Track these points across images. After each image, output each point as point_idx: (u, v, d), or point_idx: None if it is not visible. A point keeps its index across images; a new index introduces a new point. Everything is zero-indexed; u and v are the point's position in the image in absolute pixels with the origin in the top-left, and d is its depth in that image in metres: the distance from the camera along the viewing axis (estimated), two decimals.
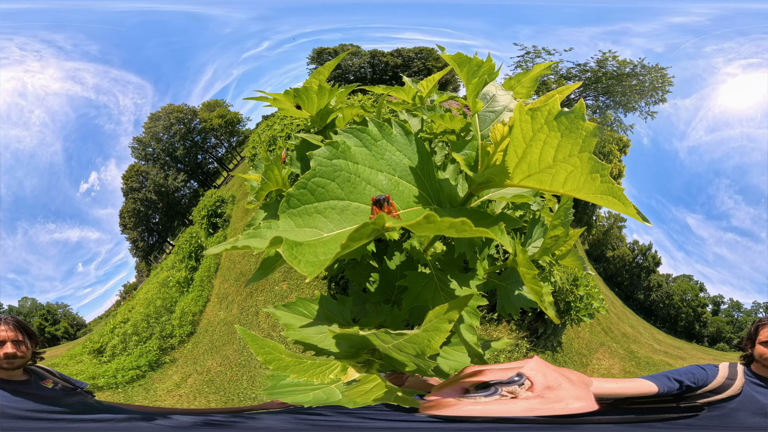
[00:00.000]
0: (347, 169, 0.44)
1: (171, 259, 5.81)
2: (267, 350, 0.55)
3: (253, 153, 5.86)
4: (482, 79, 0.53)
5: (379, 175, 0.47)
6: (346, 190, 0.44)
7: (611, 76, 5.37)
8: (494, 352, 1.04)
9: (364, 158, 0.46)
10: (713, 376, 1.48)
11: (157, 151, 6.59)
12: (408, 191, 0.50)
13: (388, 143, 0.51)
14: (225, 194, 6.32)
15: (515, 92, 0.78)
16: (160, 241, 6.58)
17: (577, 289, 3.95)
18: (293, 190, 0.41)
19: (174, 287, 5.12)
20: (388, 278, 0.88)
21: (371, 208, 0.44)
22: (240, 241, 0.40)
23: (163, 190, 6.57)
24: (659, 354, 5.17)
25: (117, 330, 4.48)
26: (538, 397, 0.57)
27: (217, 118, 6.78)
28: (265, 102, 0.91)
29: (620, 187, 0.41)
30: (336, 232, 0.42)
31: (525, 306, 0.95)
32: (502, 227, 0.45)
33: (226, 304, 4.69)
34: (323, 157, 0.44)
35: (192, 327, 4.54)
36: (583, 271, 1.13)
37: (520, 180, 0.49)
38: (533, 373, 0.60)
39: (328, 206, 0.43)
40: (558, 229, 0.81)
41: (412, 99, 1.11)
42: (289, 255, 0.36)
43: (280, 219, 0.41)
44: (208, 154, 6.91)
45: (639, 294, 6.17)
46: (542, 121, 0.43)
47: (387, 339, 0.55)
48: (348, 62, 6.90)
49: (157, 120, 6.52)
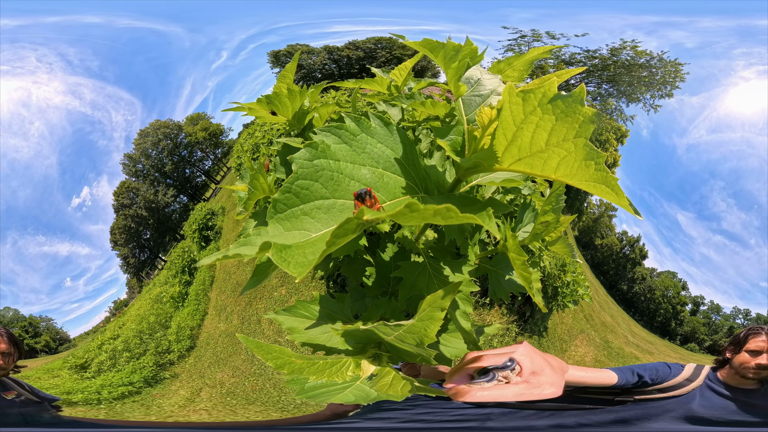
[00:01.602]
0: (329, 168, 0.44)
1: (164, 274, 5.71)
2: (275, 355, 0.54)
3: (239, 163, 5.81)
4: (463, 63, 0.51)
5: (362, 170, 0.46)
6: (330, 188, 0.43)
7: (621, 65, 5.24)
8: (488, 337, 1.05)
9: (345, 154, 0.46)
10: (675, 375, 1.47)
11: (147, 167, 6.53)
12: (394, 182, 0.50)
13: (368, 136, 0.50)
14: (215, 206, 6.24)
15: (505, 75, 0.76)
16: (151, 257, 6.49)
17: (565, 275, 3.96)
18: (278, 195, 0.41)
19: (168, 302, 5.03)
20: (383, 270, 0.88)
21: (354, 203, 0.43)
22: (231, 250, 0.39)
23: (153, 206, 6.50)
24: (631, 346, 5.20)
25: (106, 346, 4.37)
26: (524, 383, 0.62)
27: (201, 131, 6.72)
28: (243, 111, 0.90)
29: (614, 177, 0.40)
30: (323, 231, 0.41)
31: (515, 291, 0.96)
32: (490, 213, 0.44)
33: (225, 316, 4.63)
34: (304, 159, 0.43)
35: (191, 341, 4.46)
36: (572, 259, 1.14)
37: (509, 164, 0.47)
38: (522, 359, 0.64)
39: (314, 207, 0.42)
40: (549, 215, 0.81)
41: (387, 89, 1.09)
42: (278, 258, 0.35)
43: (268, 225, 0.40)
44: (195, 168, 6.84)
45: (623, 285, 6.20)
46: (535, 104, 0.42)
47: (387, 331, 0.55)
48: (309, 61, 6.81)
49: (145, 136, 6.46)
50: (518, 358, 0.64)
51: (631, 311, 6.12)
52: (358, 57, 6.82)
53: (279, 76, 0.90)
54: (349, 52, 6.77)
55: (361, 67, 6.89)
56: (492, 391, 0.59)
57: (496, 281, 0.97)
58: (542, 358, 0.66)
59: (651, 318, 6.04)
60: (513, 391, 0.61)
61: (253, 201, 0.82)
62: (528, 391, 0.61)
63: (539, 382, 0.63)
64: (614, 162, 5.82)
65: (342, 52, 6.77)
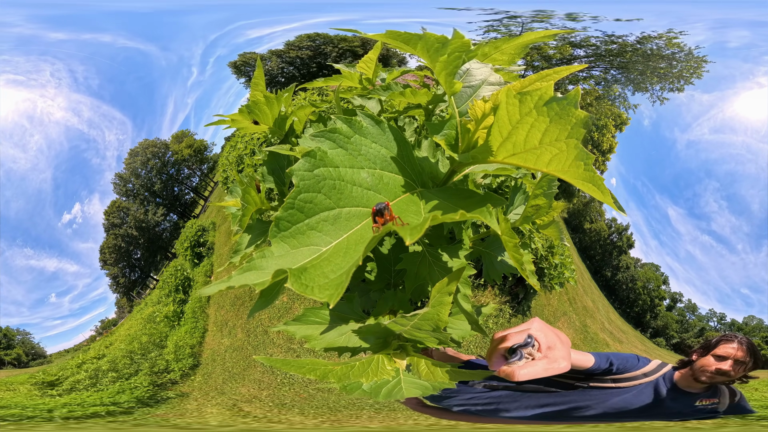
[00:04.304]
0: (330, 176, 0.41)
1: (156, 294, 5.55)
2: (310, 367, 0.53)
3: (225, 177, 5.72)
4: (455, 57, 0.48)
5: (362, 173, 0.44)
6: (334, 198, 0.41)
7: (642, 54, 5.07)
8: (484, 317, 1.06)
9: (343, 159, 0.43)
10: (639, 368, 1.47)
11: (137, 187, 6.46)
12: (393, 181, 0.48)
13: (362, 137, 0.48)
14: (205, 222, 6.11)
15: (492, 59, 0.73)
16: (142, 277, 6.35)
17: (553, 257, 3.98)
18: (281, 212, 0.38)
19: (162, 322, 4.87)
20: (384, 264, 0.87)
21: (372, 217, 0.41)
22: (235, 279, 0.37)
23: (143, 226, 6.39)
24: (605, 333, 5.24)
25: (87, 365, 4.21)
26: (545, 358, 0.65)
27: (187, 149, 6.65)
28: (225, 124, 0.87)
29: (600, 177, 0.42)
30: (334, 243, 0.39)
31: (507, 272, 0.96)
32: (490, 209, 0.43)
33: (228, 330, 4.51)
34: (304, 171, 0.40)
35: (194, 359, 4.31)
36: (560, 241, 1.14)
37: (503, 158, 0.47)
38: (539, 334, 0.67)
39: (320, 219, 0.40)
40: (540, 198, 0.81)
41: (359, 83, 1.06)
42: (298, 286, 0.33)
43: (272, 244, 0.38)
44: (183, 185, 6.76)
45: (607, 271, 6.24)
46: (531, 106, 0.42)
47: (404, 322, 0.56)
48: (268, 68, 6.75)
49: (135, 156, 6.38)
50: (534, 334, 0.66)
51: (612, 298, 6.15)
52: (308, 56, 6.78)
53: (251, 84, 0.87)
54: (295, 53, 6.74)
55: (318, 65, 6.83)
56: (528, 369, 0.63)
57: (489, 263, 0.98)
58: (553, 332, 0.68)
59: (629, 307, 6.06)
60: (540, 366, 0.64)
61: (247, 217, 0.79)
62: (549, 366, 0.64)
63: (555, 357, 0.66)
64: (610, 148, 5.76)
65: (289, 54, 6.74)
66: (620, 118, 5.62)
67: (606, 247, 6.43)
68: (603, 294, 6.16)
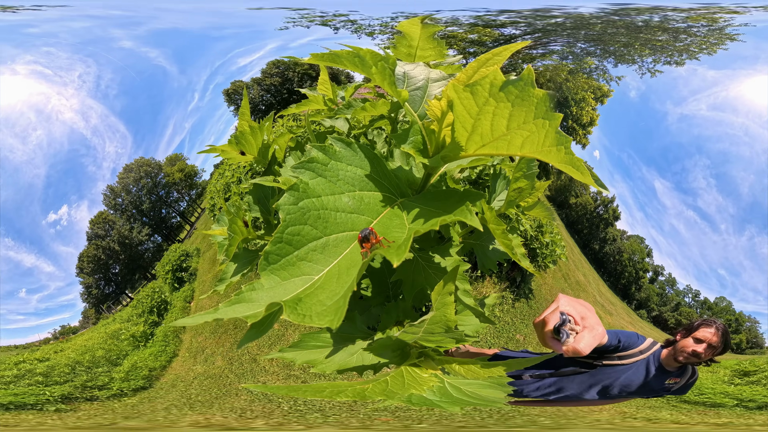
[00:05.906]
0: (314, 207, 0.42)
1: (127, 311, 5.36)
2: (339, 389, 0.49)
3: (212, 204, 5.62)
4: (381, 66, 0.48)
5: (343, 198, 0.45)
6: (320, 227, 0.42)
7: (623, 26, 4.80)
8: (489, 308, 1.07)
9: (324, 188, 0.44)
10: (638, 345, 1.54)
11: (126, 203, 6.35)
12: (373, 200, 0.49)
13: (337, 162, 0.49)
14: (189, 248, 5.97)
15: (421, 57, 0.75)
16: (116, 292, 6.18)
17: (543, 236, 3.95)
18: (270, 247, 0.39)
19: (127, 341, 4.69)
20: (379, 278, 0.87)
21: (359, 243, 0.42)
22: (223, 311, 0.37)
23: (126, 242, 6.25)
24: (597, 306, 5.21)
25: (23, 365, 4.02)
26: (585, 329, 0.66)
27: (178, 172, 6.57)
28: (215, 153, 0.88)
29: (580, 159, 0.40)
30: (326, 270, 0.40)
31: (501, 259, 0.97)
32: (470, 207, 0.44)
33: (204, 358, 4.30)
34: (290, 205, 0.41)
35: (146, 382, 4.11)
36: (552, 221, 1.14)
37: (474, 150, 0.47)
38: (569, 309, 0.68)
39: (309, 249, 0.41)
40: (521, 181, 0.81)
41: (324, 105, 1.09)
42: (296, 317, 0.34)
43: (262, 277, 0.38)
44: (171, 209, 6.64)
45: (595, 244, 6.22)
46: (486, 95, 0.41)
47: (414, 330, 0.56)
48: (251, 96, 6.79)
49: (129, 171, 6.28)
50: (565, 309, 0.67)
51: (601, 270, 6.12)
52: (278, 83, 6.86)
53: (239, 114, 0.88)
54: (269, 80, 6.82)
55: (288, 90, 6.90)
56: (584, 342, 0.64)
57: (482, 253, 0.99)
58: (578, 303, 0.70)
59: (617, 279, 6.04)
60: (589, 337, 0.65)
61: (233, 246, 0.79)
62: (592, 333, 0.65)
63: (592, 325, 0.67)
64: (591, 121, 5.66)
65: (265, 82, 6.80)
66: (601, 90, 5.53)
67: (593, 221, 6.43)
68: (593, 267, 6.20)
